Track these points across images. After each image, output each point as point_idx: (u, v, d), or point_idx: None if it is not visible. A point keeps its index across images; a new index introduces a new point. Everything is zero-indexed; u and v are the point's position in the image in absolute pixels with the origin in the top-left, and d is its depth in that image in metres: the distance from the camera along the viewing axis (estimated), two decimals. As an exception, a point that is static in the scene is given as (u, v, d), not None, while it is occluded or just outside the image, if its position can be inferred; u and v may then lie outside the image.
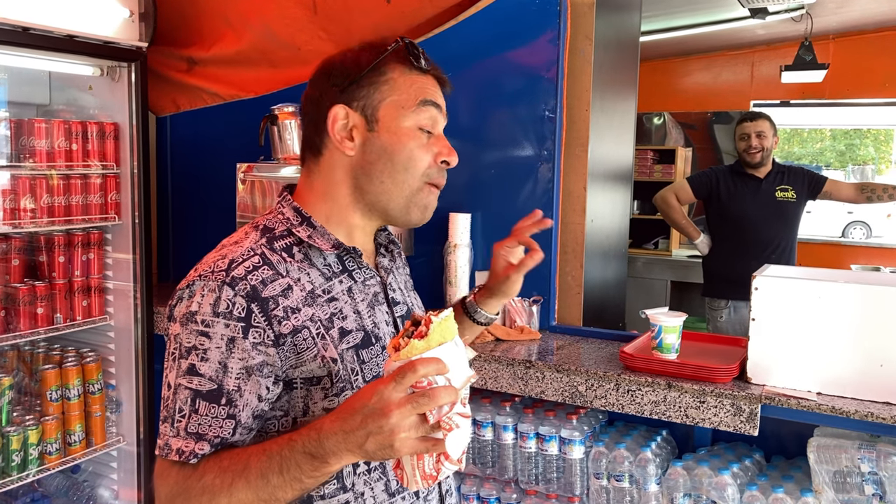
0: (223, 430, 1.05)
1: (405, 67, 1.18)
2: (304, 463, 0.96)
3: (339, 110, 1.16)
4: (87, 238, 2.80)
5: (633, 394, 1.98)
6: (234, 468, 1.00)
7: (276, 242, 1.15)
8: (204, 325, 1.05)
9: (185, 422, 1.04)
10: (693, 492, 1.96)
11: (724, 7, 4.50)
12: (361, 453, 0.92)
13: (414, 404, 0.89)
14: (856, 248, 6.55)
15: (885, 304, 1.77)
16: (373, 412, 0.90)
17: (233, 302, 1.05)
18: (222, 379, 1.04)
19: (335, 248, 1.18)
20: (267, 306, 1.06)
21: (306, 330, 1.09)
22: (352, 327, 1.15)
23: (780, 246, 3.67)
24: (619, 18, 3.01)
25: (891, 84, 5.48)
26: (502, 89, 2.57)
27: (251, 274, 1.08)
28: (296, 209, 1.19)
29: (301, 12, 2.83)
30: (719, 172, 3.86)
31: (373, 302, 1.21)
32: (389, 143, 1.16)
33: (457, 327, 0.99)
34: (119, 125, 2.83)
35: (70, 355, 2.79)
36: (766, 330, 1.90)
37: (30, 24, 2.44)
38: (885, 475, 1.77)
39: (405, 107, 1.16)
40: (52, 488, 2.93)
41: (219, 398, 1.04)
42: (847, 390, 1.82)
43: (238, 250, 1.12)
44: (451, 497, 1.32)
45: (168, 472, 1.05)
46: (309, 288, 1.12)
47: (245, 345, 1.05)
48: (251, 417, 1.07)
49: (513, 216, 2.56)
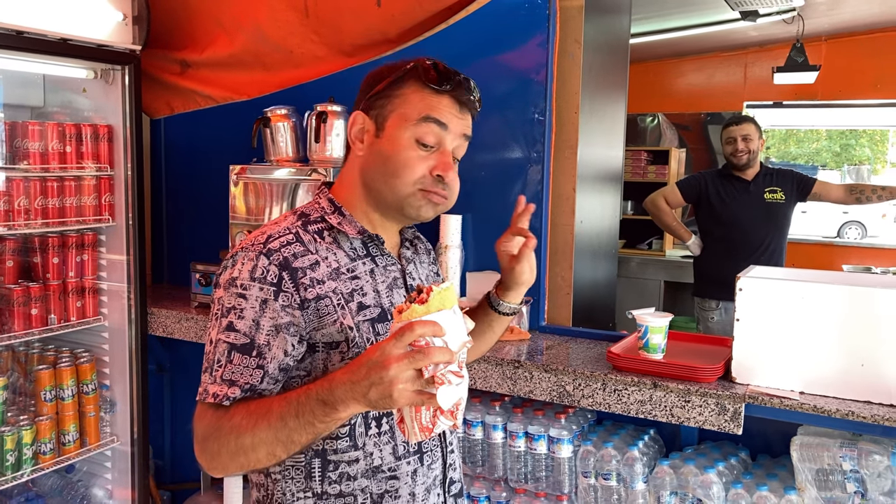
0: (252, 377, 1.19)
1: (420, 85, 1.29)
2: (317, 408, 1.07)
3: (357, 116, 1.33)
4: (81, 239, 2.82)
5: (619, 393, 2.00)
6: (259, 411, 1.13)
7: (311, 226, 1.31)
8: (242, 287, 1.21)
9: (221, 370, 1.19)
10: (679, 490, 1.98)
11: (716, 9, 4.53)
12: (365, 402, 1.03)
13: (410, 359, 1.00)
14: (850, 248, 6.57)
15: (866, 305, 1.80)
16: (375, 364, 1.01)
17: (267, 269, 1.21)
18: (255, 334, 1.19)
19: (360, 234, 1.32)
20: (296, 275, 1.22)
21: (328, 299, 1.24)
22: (370, 303, 1.29)
23: (771, 247, 3.70)
24: (608, 21, 3.04)
25: (882, 85, 5.50)
26: (492, 92, 2.59)
27: (285, 248, 1.24)
28: (330, 200, 1.36)
29: (293, 15, 2.85)
30: (708, 176, 3.89)
31: (392, 285, 1.34)
32: (388, 149, 1.29)
33: (457, 298, 1.10)
34: (113, 127, 2.85)
35: (64, 356, 2.81)
36: (750, 330, 1.93)
37: (24, 28, 2.46)
38: (866, 473, 1.79)
39: (408, 119, 1.28)
40: (46, 488, 2.94)
41: (251, 350, 1.19)
42: (829, 389, 1.85)
43: (276, 228, 1.28)
44: (454, 471, 1.42)
45: (204, 413, 1.18)
46: (335, 266, 1.28)
47: (276, 306, 1.20)
48: (277, 369, 1.21)
49: (503, 218, 2.58)
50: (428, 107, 1.28)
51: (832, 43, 5.49)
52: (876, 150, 9.68)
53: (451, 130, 1.30)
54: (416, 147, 1.28)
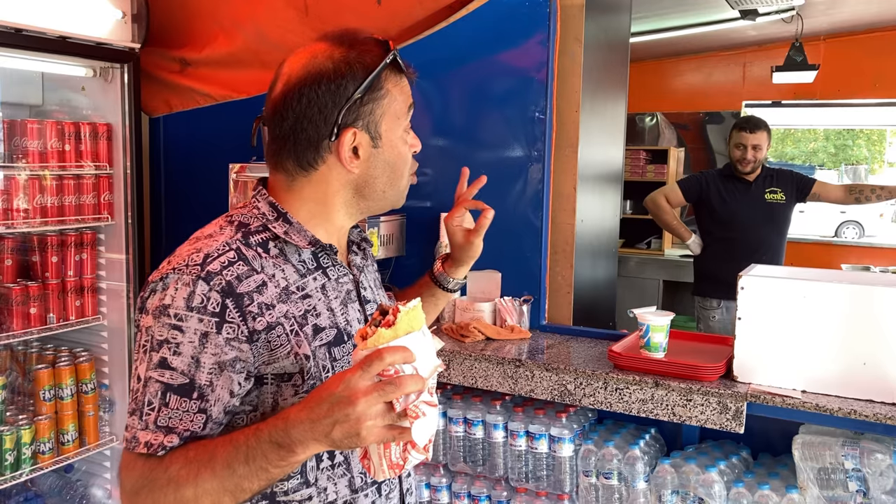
0: (193, 423, 1.04)
1: (393, 73, 1.18)
2: (271, 452, 0.96)
3: (347, 137, 1.14)
4: (81, 238, 2.81)
5: (621, 392, 2.00)
6: (201, 458, 1.00)
7: (252, 237, 1.14)
8: (177, 318, 1.04)
9: (154, 415, 1.04)
10: (681, 489, 1.98)
11: (715, 8, 4.53)
12: (328, 442, 0.92)
13: (380, 392, 0.90)
14: (848, 247, 6.59)
15: (868, 304, 1.80)
16: (339, 400, 0.91)
17: (207, 297, 1.05)
18: (194, 373, 1.04)
19: (311, 245, 1.17)
20: (242, 302, 1.06)
21: (280, 327, 1.09)
22: (325, 324, 1.15)
23: (771, 247, 3.71)
24: (609, 20, 3.03)
25: (881, 84, 5.51)
26: (493, 90, 2.59)
27: (227, 269, 1.07)
28: (272, 204, 1.18)
29: (292, 14, 2.85)
30: (709, 176, 3.89)
31: (346, 300, 1.20)
32: (391, 156, 1.19)
33: (424, 317, 0.99)
34: (112, 126, 2.85)
35: (63, 355, 2.80)
36: (752, 329, 1.92)
37: (22, 26, 2.45)
38: (868, 472, 1.79)
39: (399, 116, 1.18)
40: (45, 487, 2.93)
41: (190, 392, 1.04)
42: (831, 388, 1.85)
43: (213, 244, 1.11)
44: (411, 496, 1.32)
45: (133, 464, 1.04)
46: (283, 284, 1.12)
47: (218, 340, 1.04)
48: (222, 412, 1.06)
49: (503, 216, 2.58)
50: (404, 94, 1.19)
51: (831, 42, 5.49)
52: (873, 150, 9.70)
53: None
54: (405, 137, 1.21)
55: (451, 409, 2.30)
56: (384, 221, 2.60)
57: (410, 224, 2.74)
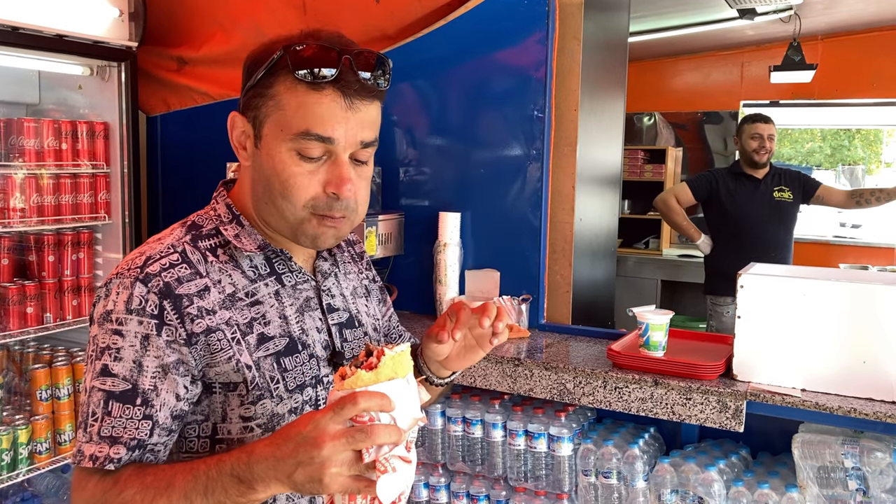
0: (139, 431, 0.99)
1: (292, 81, 1.01)
2: (231, 486, 0.90)
3: (235, 118, 1.09)
4: (77, 237, 2.80)
5: (620, 391, 1.99)
6: (157, 485, 0.94)
7: (202, 241, 1.10)
8: (118, 323, 1.01)
9: (97, 425, 0.99)
10: (680, 488, 1.97)
11: (713, 8, 4.53)
12: (290, 484, 0.87)
13: (349, 439, 0.84)
14: (846, 247, 6.58)
15: (867, 302, 1.80)
16: (305, 441, 0.85)
17: (145, 298, 1.01)
18: (137, 378, 1.00)
19: (261, 249, 1.10)
20: (180, 303, 1.02)
21: (220, 332, 1.04)
22: (274, 333, 1.08)
23: (781, 245, 3.75)
24: (608, 19, 3.03)
25: (879, 84, 5.51)
26: (491, 89, 2.58)
27: (166, 271, 1.03)
28: (228, 206, 1.13)
29: (291, 13, 2.84)
30: (718, 174, 3.92)
31: (303, 307, 1.13)
32: (268, 165, 1.05)
33: (412, 364, 0.93)
34: (109, 125, 2.83)
35: (60, 355, 2.78)
36: (751, 327, 1.92)
37: (19, 24, 2.44)
38: (868, 470, 1.79)
39: (284, 130, 1.02)
40: (42, 488, 2.92)
41: (133, 398, 0.99)
42: (831, 387, 1.84)
43: (157, 247, 1.07)
44: None
45: (85, 482, 0.98)
46: (230, 290, 1.07)
47: (159, 342, 1.00)
48: (169, 417, 1.02)
49: (502, 215, 2.60)
50: (305, 115, 1.01)
51: (829, 42, 5.50)
52: (869, 151, 9.71)
53: (341, 140, 1.02)
54: (300, 161, 1.02)
55: (450, 408, 2.29)
56: (382, 220, 2.60)
57: (409, 223, 2.74)
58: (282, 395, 1.08)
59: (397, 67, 1.13)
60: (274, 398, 1.07)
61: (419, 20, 2.66)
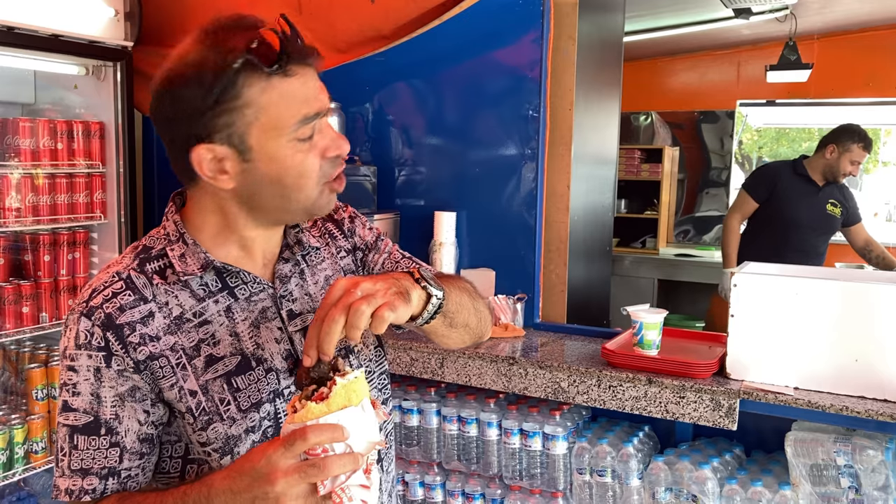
0: (108, 459, 1.01)
1: (262, 78, 0.98)
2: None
3: (201, 152, 1.00)
4: (73, 237, 2.80)
5: (614, 389, 2.00)
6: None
7: (150, 264, 1.07)
8: (70, 359, 1.02)
9: (66, 460, 1.01)
10: (674, 486, 1.98)
11: (709, 7, 4.53)
12: None
13: (301, 474, 0.84)
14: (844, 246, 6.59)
15: (859, 300, 1.81)
16: (259, 477, 0.86)
17: (91, 332, 1.01)
18: (97, 409, 1.01)
19: (203, 269, 1.06)
20: (122, 333, 1.01)
21: (164, 358, 1.03)
22: (224, 353, 1.06)
23: (819, 256, 3.69)
24: (603, 18, 3.04)
25: (875, 83, 5.52)
26: (486, 88, 2.59)
27: (108, 302, 1.02)
28: (176, 223, 1.09)
29: (286, 12, 2.82)
30: (779, 171, 3.76)
31: (258, 320, 1.09)
32: (273, 171, 1.02)
33: (367, 388, 0.91)
34: (105, 124, 2.83)
35: (56, 354, 2.79)
36: (744, 326, 1.93)
37: (15, 24, 2.44)
38: (860, 468, 1.79)
39: (278, 128, 1.00)
40: (38, 487, 2.92)
41: (97, 430, 1.01)
42: (824, 385, 1.85)
43: (103, 277, 1.06)
44: None
45: None
46: (177, 313, 1.05)
47: (110, 373, 1.01)
48: (137, 441, 1.03)
49: (497, 214, 2.61)
50: (292, 104, 0.99)
51: (825, 41, 5.51)
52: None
53: (324, 106, 1.03)
54: (301, 144, 1.01)
55: (446, 407, 2.30)
56: (378, 219, 2.60)
57: (404, 222, 2.74)
58: (234, 416, 1.05)
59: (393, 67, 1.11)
60: (225, 421, 1.05)
61: (414, 20, 2.66)
